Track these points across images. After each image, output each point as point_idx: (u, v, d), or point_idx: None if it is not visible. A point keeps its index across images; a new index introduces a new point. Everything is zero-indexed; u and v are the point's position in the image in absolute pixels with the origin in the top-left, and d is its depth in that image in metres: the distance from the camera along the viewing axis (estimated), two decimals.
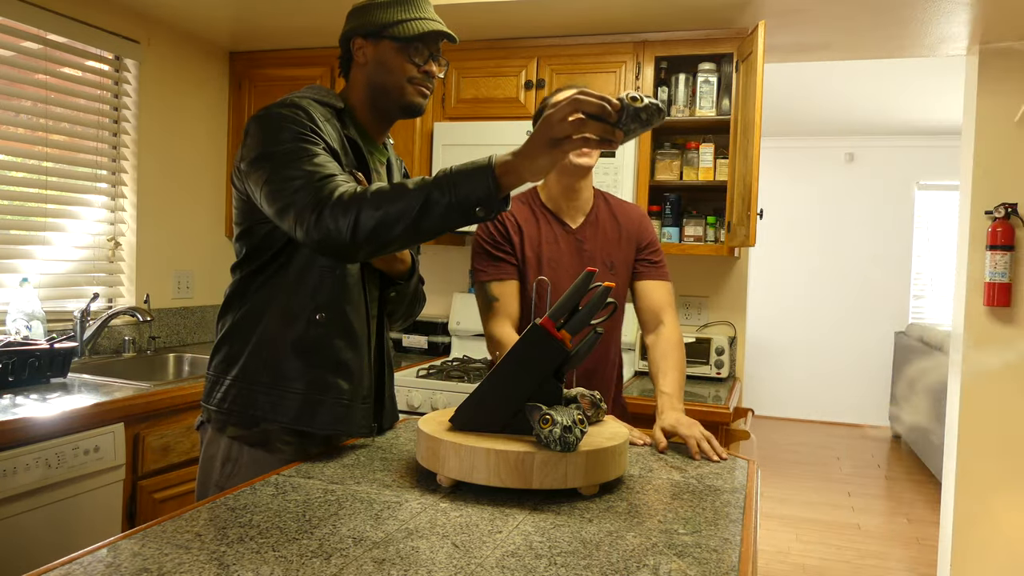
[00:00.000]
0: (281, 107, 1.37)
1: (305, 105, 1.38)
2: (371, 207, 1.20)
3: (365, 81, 1.49)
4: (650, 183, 2.89)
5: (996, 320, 2.95)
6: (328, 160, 1.31)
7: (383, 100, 1.49)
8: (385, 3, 1.46)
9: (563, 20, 2.84)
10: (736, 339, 3.09)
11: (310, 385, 1.44)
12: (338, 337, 1.46)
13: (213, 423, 1.49)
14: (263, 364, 1.44)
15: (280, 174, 1.28)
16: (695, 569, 0.97)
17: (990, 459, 2.96)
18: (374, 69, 1.47)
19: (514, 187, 1.18)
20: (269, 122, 1.35)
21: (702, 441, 1.55)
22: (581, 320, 1.30)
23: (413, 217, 1.19)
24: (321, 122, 1.38)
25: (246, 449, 1.45)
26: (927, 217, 6.52)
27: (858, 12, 2.64)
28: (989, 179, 2.96)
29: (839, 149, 6.54)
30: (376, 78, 1.48)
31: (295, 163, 1.28)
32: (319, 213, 1.22)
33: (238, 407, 1.45)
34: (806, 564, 3.56)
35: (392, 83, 1.47)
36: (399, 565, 0.95)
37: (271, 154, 1.31)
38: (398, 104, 1.49)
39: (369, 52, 1.47)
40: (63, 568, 0.91)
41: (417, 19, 1.44)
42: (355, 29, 1.47)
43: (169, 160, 3.18)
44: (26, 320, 2.45)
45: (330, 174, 1.27)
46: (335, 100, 1.47)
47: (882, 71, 4.29)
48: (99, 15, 2.81)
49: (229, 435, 1.46)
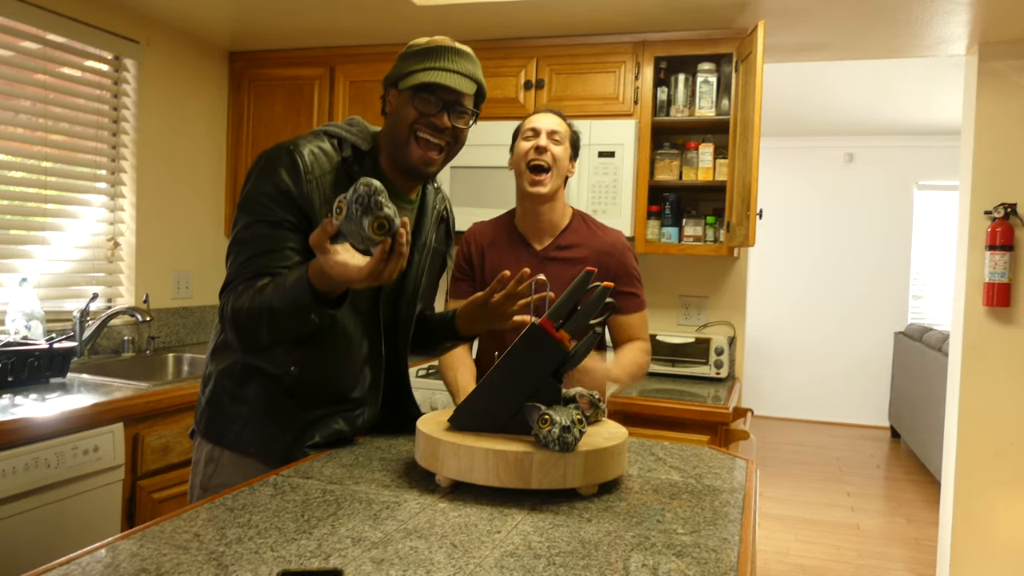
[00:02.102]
0: (277, 159, 1.36)
1: (300, 153, 1.36)
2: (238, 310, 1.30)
3: (385, 131, 1.45)
4: (650, 183, 2.89)
5: (996, 320, 2.95)
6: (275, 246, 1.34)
7: (396, 153, 1.43)
8: (413, 53, 1.41)
9: (563, 20, 2.84)
10: (736, 339, 3.09)
11: (273, 417, 1.44)
12: (312, 387, 1.45)
13: (199, 431, 1.52)
14: (231, 391, 1.45)
15: (234, 246, 1.36)
16: (694, 569, 0.97)
17: (989, 459, 2.96)
18: (390, 119, 1.44)
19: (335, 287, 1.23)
20: (256, 169, 1.38)
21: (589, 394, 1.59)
22: (580, 320, 1.30)
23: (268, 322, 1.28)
24: (309, 179, 1.35)
25: (227, 452, 1.46)
26: (927, 217, 6.52)
27: (858, 12, 2.64)
28: (989, 179, 2.97)
29: (839, 149, 6.54)
30: (390, 129, 1.44)
31: (249, 244, 1.34)
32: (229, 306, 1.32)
33: (213, 429, 1.48)
34: (805, 564, 3.56)
35: (399, 134, 1.41)
36: (398, 565, 0.95)
37: (237, 215, 1.38)
38: (403, 156, 1.42)
39: (392, 101, 1.43)
40: (62, 568, 0.91)
41: (429, 68, 1.37)
42: (386, 78, 1.46)
43: (169, 160, 3.18)
44: (25, 320, 2.45)
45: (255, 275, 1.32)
46: (361, 141, 1.44)
47: (882, 71, 4.29)
48: (99, 15, 2.81)
49: (211, 441, 1.49)
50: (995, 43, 2.93)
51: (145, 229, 3.07)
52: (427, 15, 2.84)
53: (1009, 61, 2.93)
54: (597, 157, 2.82)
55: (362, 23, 2.98)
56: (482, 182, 2.94)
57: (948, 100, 4.89)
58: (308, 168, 1.35)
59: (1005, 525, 2.95)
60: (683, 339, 2.93)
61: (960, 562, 3.01)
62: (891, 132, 6.20)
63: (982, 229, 2.96)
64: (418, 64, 1.39)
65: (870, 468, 5.26)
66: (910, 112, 5.41)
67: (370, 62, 3.19)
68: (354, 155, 1.43)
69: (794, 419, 6.68)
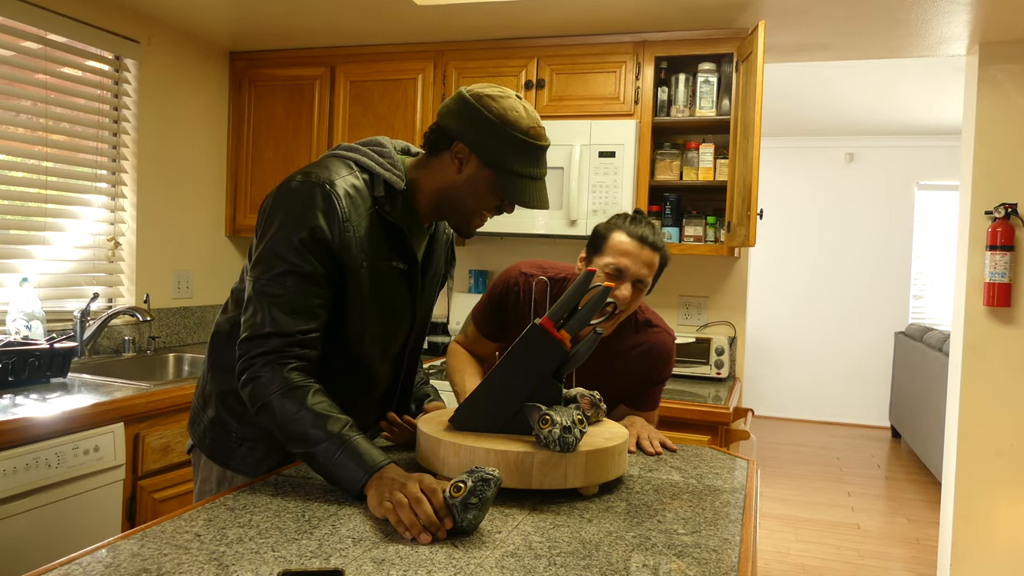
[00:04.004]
0: (312, 200, 1.26)
1: (336, 194, 1.27)
2: (275, 422, 1.22)
3: (446, 183, 1.35)
4: (650, 183, 2.89)
5: (996, 320, 2.95)
6: (306, 296, 1.26)
7: (448, 209, 1.39)
8: (517, 137, 1.29)
9: (563, 20, 2.84)
10: (736, 339, 3.09)
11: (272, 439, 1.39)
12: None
13: (202, 450, 1.47)
14: (238, 413, 1.41)
15: (258, 298, 1.26)
16: (695, 569, 0.97)
17: (990, 459, 2.96)
18: (462, 183, 1.34)
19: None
20: (284, 205, 1.28)
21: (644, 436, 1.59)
22: (581, 320, 1.30)
23: (297, 451, 1.21)
24: (344, 220, 1.27)
25: (238, 476, 1.42)
26: (927, 217, 6.52)
27: (858, 12, 2.64)
28: (989, 179, 2.96)
29: (839, 149, 6.54)
30: (457, 192, 1.35)
31: (278, 300, 1.25)
32: (252, 396, 1.25)
33: (219, 452, 1.43)
34: (806, 564, 3.56)
35: (469, 207, 1.37)
36: (398, 565, 0.95)
37: (262, 254, 1.28)
38: (459, 222, 1.40)
39: (469, 167, 1.33)
40: (62, 568, 0.91)
41: (533, 179, 1.32)
42: (471, 140, 1.30)
43: (169, 160, 3.18)
44: (26, 320, 2.45)
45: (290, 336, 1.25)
46: (397, 174, 1.35)
47: (882, 71, 4.29)
48: (99, 15, 2.81)
49: (218, 463, 1.45)
50: (995, 43, 2.93)
51: (146, 229, 3.07)
52: (427, 15, 2.84)
53: (1010, 62, 2.93)
54: (597, 157, 2.82)
55: (362, 23, 2.98)
56: None
57: (948, 100, 4.89)
58: (346, 215, 1.28)
59: (1005, 525, 2.95)
60: (684, 339, 2.94)
61: (960, 562, 3.01)
62: (891, 132, 6.20)
63: (982, 229, 2.96)
64: (526, 166, 1.31)
65: (871, 468, 5.26)
66: (910, 112, 5.41)
67: (370, 62, 3.19)
68: (386, 194, 1.34)
69: (794, 419, 6.67)
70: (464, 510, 1.04)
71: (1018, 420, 2.93)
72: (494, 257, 3.42)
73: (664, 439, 1.61)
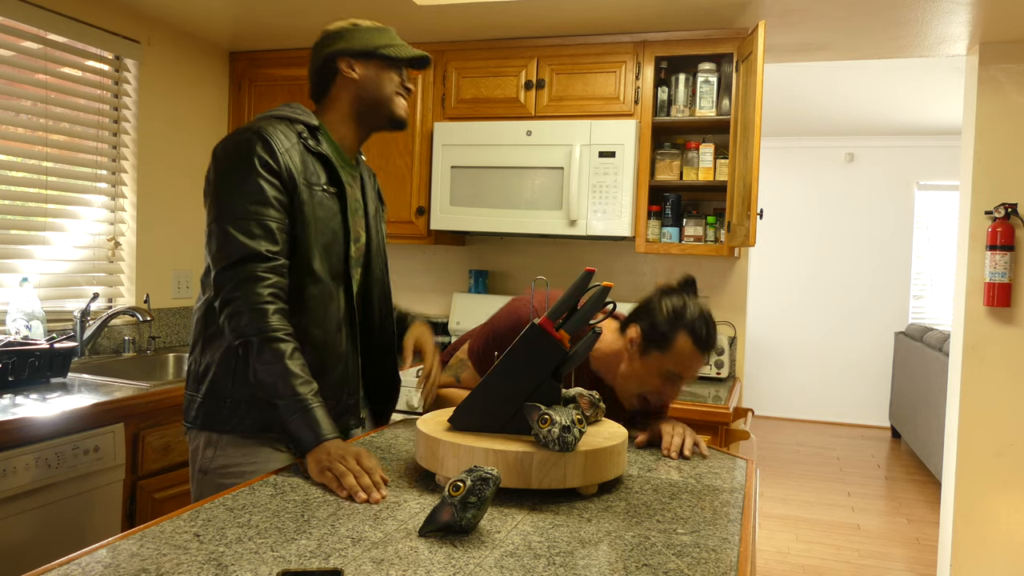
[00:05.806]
0: (249, 143, 1.44)
1: (267, 133, 1.45)
2: (257, 362, 1.37)
3: (352, 96, 1.59)
4: (650, 183, 2.89)
5: (996, 320, 2.95)
6: (266, 219, 1.42)
7: (371, 114, 1.61)
8: (369, 29, 1.60)
9: (563, 20, 2.84)
10: (736, 339, 3.09)
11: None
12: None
13: (195, 426, 1.55)
14: (235, 371, 1.48)
15: (223, 232, 1.42)
16: (694, 569, 0.97)
17: (990, 459, 2.96)
18: (364, 84, 1.59)
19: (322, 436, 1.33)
20: (226, 156, 1.45)
21: (679, 435, 1.57)
22: (579, 320, 1.30)
23: (263, 395, 1.39)
24: (281, 152, 1.46)
25: (225, 436, 1.50)
26: (927, 217, 6.52)
27: (858, 12, 2.64)
28: (989, 179, 2.96)
29: (839, 149, 6.54)
30: (366, 92, 1.59)
31: (235, 223, 1.41)
32: (231, 318, 1.39)
33: (211, 419, 1.51)
34: (805, 564, 3.56)
35: (382, 96, 1.60)
36: (398, 565, 0.95)
37: (218, 200, 1.44)
38: (387, 116, 1.62)
39: (359, 69, 1.58)
40: (62, 568, 0.91)
41: (402, 45, 1.62)
42: (343, 50, 1.57)
43: (169, 160, 3.18)
44: (26, 320, 2.45)
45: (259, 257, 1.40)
46: (310, 118, 1.56)
47: (882, 71, 4.29)
48: (99, 15, 2.82)
49: (208, 429, 1.52)
50: (995, 43, 2.93)
51: (146, 229, 3.08)
52: (427, 15, 2.84)
53: (1010, 62, 2.93)
54: (598, 157, 2.82)
55: None
56: (482, 182, 2.94)
57: (948, 100, 4.89)
58: (281, 146, 1.46)
59: (1005, 525, 2.95)
60: None
61: (960, 562, 3.01)
62: (891, 132, 6.20)
63: (983, 229, 2.96)
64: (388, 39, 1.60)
65: (870, 468, 5.26)
66: (910, 112, 5.41)
67: None
68: (308, 131, 1.54)
69: (794, 419, 6.67)
70: (463, 509, 1.04)
71: (1018, 420, 2.93)
72: (494, 257, 3.42)
73: (698, 440, 1.58)
